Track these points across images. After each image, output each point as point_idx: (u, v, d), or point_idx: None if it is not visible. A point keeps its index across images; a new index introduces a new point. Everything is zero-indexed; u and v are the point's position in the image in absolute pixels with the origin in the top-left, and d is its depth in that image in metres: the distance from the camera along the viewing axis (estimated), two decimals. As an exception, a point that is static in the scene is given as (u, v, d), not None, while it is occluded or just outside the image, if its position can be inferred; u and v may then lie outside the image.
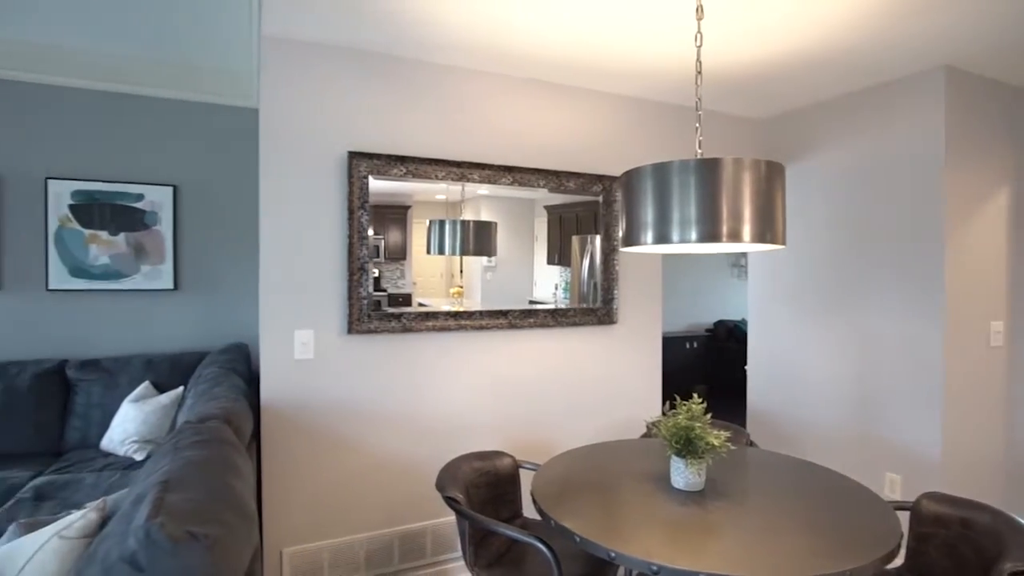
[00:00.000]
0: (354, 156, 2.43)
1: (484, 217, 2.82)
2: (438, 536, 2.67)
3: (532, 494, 1.76)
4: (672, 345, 6.54)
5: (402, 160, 2.52)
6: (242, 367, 3.11)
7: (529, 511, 2.38)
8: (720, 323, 7.02)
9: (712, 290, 7.23)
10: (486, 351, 2.78)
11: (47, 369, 3.21)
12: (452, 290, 2.80)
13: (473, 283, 2.84)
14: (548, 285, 3.00)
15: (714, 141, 3.41)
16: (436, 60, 2.61)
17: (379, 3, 2.08)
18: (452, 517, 2.69)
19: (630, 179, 1.76)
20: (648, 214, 1.70)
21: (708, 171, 1.60)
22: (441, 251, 2.77)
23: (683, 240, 1.64)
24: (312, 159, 2.40)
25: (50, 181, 3.39)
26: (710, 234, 1.61)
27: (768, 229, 1.63)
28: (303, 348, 2.37)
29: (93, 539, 1.35)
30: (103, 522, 1.40)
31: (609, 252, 3.07)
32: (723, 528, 1.55)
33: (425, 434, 2.65)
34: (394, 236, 2.62)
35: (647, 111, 3.19)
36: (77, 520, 1.35)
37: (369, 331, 2.47)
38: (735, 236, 1.61)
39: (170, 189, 3.64)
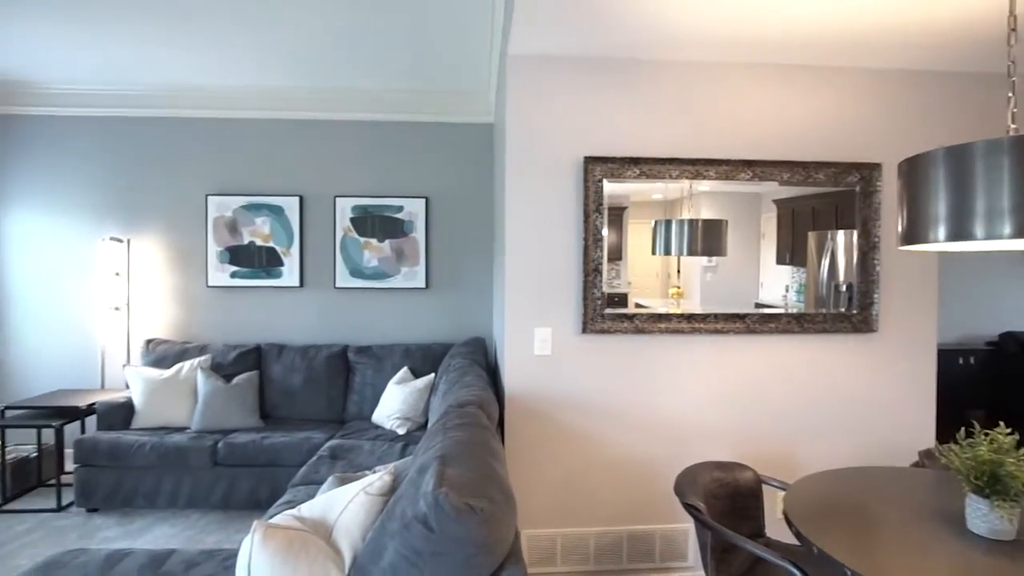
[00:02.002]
0: (589, 161, 2.51)
1: (705, 215, 2.69)
2: (667, 541, 2.62)
3: (786, 514, 1.63)
4: (940, 360, 5.48)
5: (635, 162, 2.53)
6: (482, 359, 3.42)
7: (772, 530, 2.21)
8: (1008, 335, 5.66)
9: (996, 294, 5.87)
10: (721, 356, 2.64)
11: (335, 352, 3.93)
12: (671, 291, 2.73)
13: (692, 284, 2.72)
14: (777, 287, 2.74)
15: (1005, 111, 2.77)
16: (665, 57, 2.56)
17: (612, 12, 2.11)
18: (682, 524, 2.62)
19: (914, 167, 1.52)
20: (939, 206, 1.45)
21: (1031, 150, 1.31)
22: (667, 251, 2.71)
23: (991, 236, 1.36)
24: (551, 166, 2.54)
25: (337, 199, 4.15)
26: (1034, 227, 1.31)
27: None
28: (542, 345, 2.53)
29: (389, 497, 1.62)
30: (394, 484, 1.66)
31: (868, 250, 2.68)
32: (1052, 592, 1.25)
33: (656, 436, 2.63)
34: (611, 237, 2.64)
35: (923, 84, 2.71)
36: (376, 480, 1.62)
37: (602, 331, 2.53)
38: (1072, 229, 1.29)
39: (423, 201, 4.18)
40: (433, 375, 3.69)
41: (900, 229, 1.60)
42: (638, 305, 2.67)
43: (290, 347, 3.94)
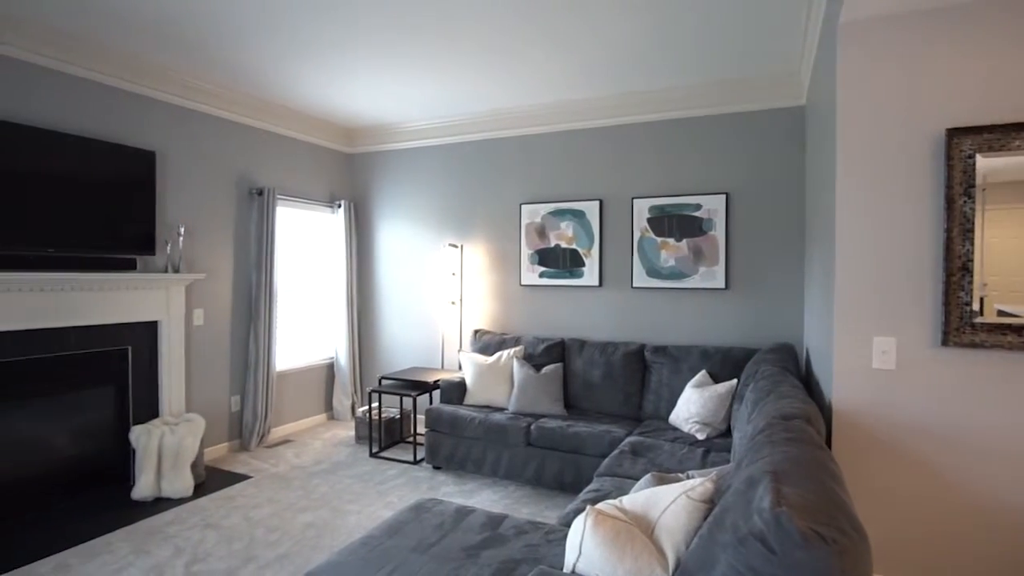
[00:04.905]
0: (954, 133, 2.03)
1: None
2: (1076, 631, 1.97)
3: None
4: None
5: (1029, 128, 1.96)
6: (793, 367, 3.09)
7: None
8: None
9: None
10: None
11: (632, 350, 4.01)
12: (1061, 296, 2.01)
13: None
14: None
15: None
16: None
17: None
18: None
19: None
20: None
21: None
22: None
23: None
24: (896, 145, 2.15)
25: (634, 200, 4.24)
26: None
27: None
28: (883, 357, 2.15)
29: (710, 504, 1.57)
30: (716, 492, 1.60)
31: None
32: None
33: (1055, 488, 2.00)
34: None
35: None
36: (698, 485, 1.59)
37: (972, 344, 2.02)
38: None
39: (723, 197, 3.97)
40: (735, 381, 3.48)
41: None
42: (1002, 313, 2.06)
43: (590, 343, 4.17)
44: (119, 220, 3.51)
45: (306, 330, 5.15)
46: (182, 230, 3.90)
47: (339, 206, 5.19)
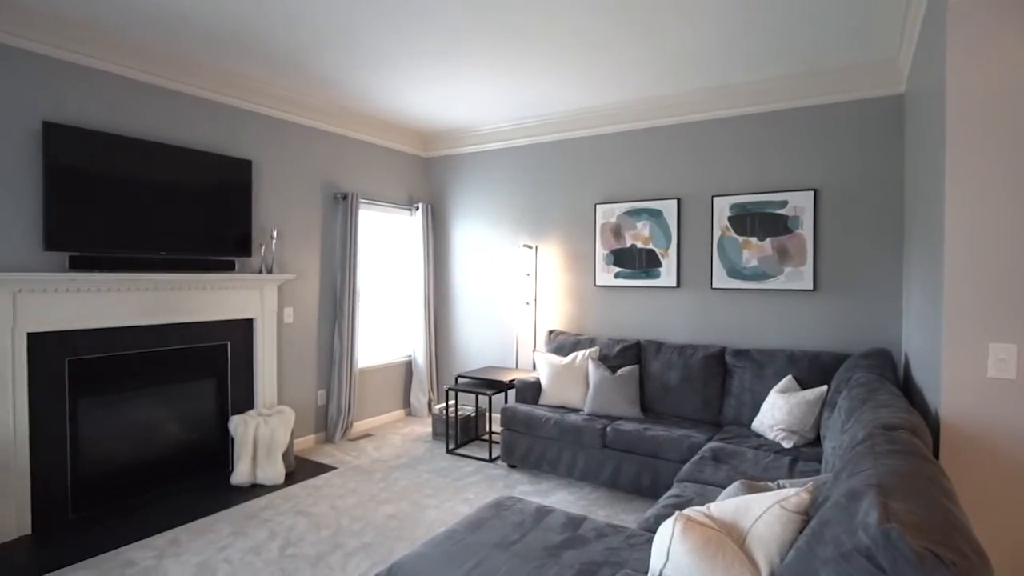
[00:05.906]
0: (1088, 121, 1.84)
1: None
2: None
3: None
4: None
5: None
6: (890, 375, 2.90)
7: None
8: None
9: None
10: None
11: (711, 353, 3.89)
12: None
13: None
14: None
15: None
16: None
17: None
18: None
19: None
20: None
21: None
22: None
23: None
24: (1015, 134, 1.96)
25: (714, 199, 4.11)
26: None
27: None
28: (1001, 365, 1.97)
29: (805, 516, 1.50)
30: (811, 503, 1.53)
31: None
32: None
33: None
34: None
35: None
36: (792, 496, 1.52)
37: (1109, 354, 1.83)
38: None
39: (811, 193, 3.77)
40: (825, 387, 3.30)
41: None
42: None
43: (667, 345, 4.08)
44: (220, 224, 3.79)
45: (386, 329, 5.35)
46: (275, 233, 4.15)
47: (417, 208, 5.35)
